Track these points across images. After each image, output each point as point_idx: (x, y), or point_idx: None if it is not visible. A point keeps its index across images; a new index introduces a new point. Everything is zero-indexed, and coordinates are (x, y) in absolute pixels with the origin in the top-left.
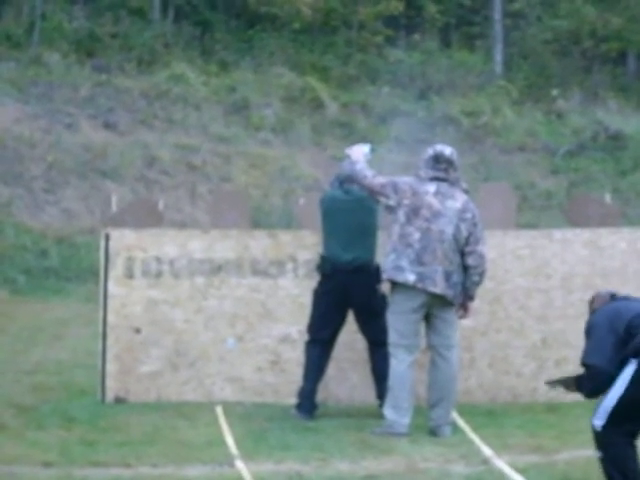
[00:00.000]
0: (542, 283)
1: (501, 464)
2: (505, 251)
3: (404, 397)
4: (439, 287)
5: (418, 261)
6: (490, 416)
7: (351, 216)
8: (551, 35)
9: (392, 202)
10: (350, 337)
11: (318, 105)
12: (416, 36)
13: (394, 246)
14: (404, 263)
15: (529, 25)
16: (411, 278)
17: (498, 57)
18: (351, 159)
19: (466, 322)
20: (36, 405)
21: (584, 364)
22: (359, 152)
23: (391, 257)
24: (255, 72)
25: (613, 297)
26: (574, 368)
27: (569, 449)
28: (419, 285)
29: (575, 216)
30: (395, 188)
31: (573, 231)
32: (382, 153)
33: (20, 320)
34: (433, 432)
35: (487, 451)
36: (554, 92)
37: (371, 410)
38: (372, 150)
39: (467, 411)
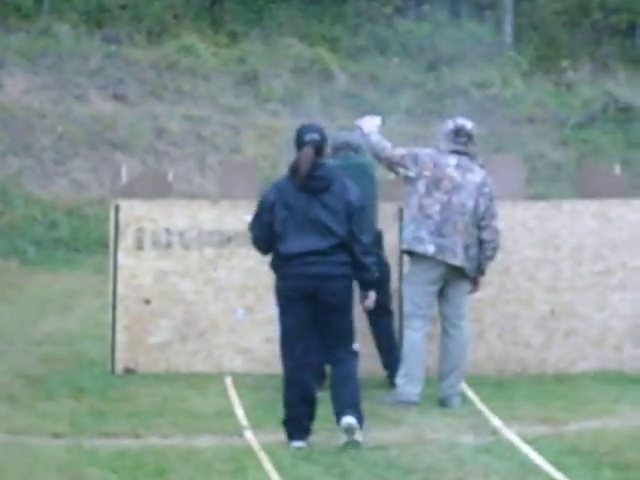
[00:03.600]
0: (551, 254)
1: (510, 435)
2: (514, 222)
3: (418, 366)
4: (459, 259)
5: (438, 232)
6: (499, 387)
7: None
8: (561, 6)
9: (412, 173)
10: (357, 308)
11: (327, 76)
12: (425, 7)
13: (413, 217)
14: (424, 234)
15: None
16: (431, 249)
17: (508, 28)
18: (363, 131)
19: (475, 293)
20: (46, 376)
21: None
22: (371, 123)
23: (410, 228)
24: (264, 43)
25: None
26: (583, 340)
27: (578, 420)
28: (439, 256)
29: (584, 187)
30: (415, 159)
31: (582, 202)
32: (392, 124)
33: (30, 291)
34: (443, 402)
35: (496, 422)
36: (564, 63)
37: (379, 381)
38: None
39: (476, 382)
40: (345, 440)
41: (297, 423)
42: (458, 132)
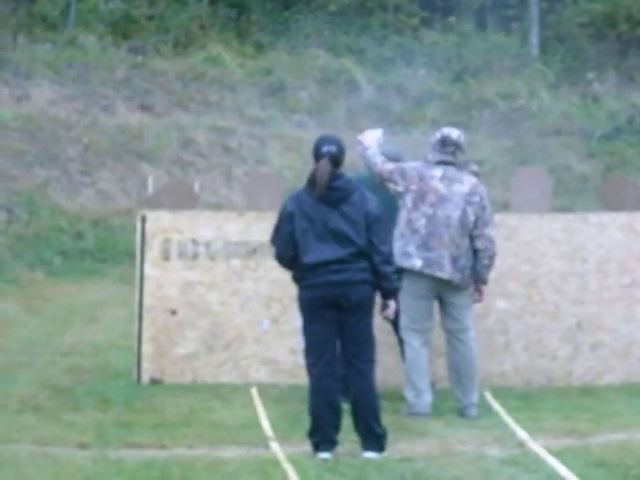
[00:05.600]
0: (578, 267)
1: (536, 447)
2: (541, 234)
3: (419, 379)
4: (446, 272)
5: (425, 246)
6: (525, 399)
7: None
8: (587, 18)
9: (400, 188)
10: (383, 320)
11: (353, 87)
12: (452, 18)
13: (402, 232)
14: (411, 249)
15: (565, 8)
16: (418, 264)
17: (534, 40)
18: (363, 145)
19: (501, 305)
20: (72, 386)
21: None
22: (372, 137)
23: (399, 244)
24: (291, 54)
25: None
26: (609, 352)
27: (604, 432)
28: (426, 270)
29: (611, 200)
30: (403, 174)
31: (609, 215)
32: (417, 136)
33: (56, 302)
34: (461, 413)
35: (522, 434)
36: (590, 75)
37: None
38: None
39: (502, 394)
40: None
41: (323, 434)
42: (444, 142)
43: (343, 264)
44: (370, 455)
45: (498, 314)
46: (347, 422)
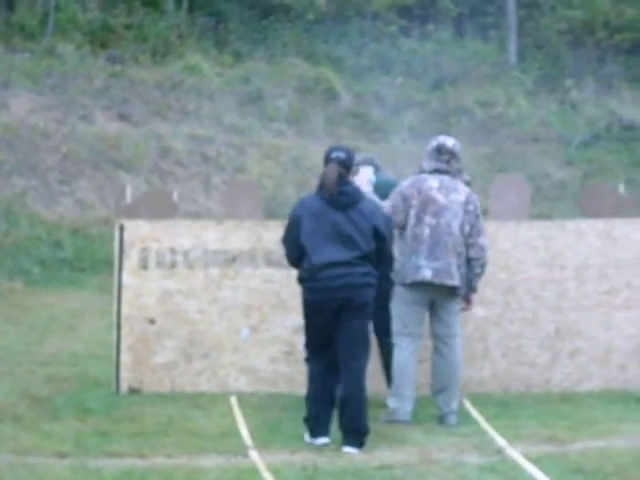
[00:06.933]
0: (556, 274)
1: (515, 454)
2: (519, 242)
3: (406, 385)
4: (455, 279)
5: (432, 256)
6: (503, 406)
7: None
8: (565, 25)
9: (403, 215)
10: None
11: (332, 95)
12: (430, 26)
13: (410, 247)
14: (421, 261)
15: (543, 15)
16: (428, 274)
17: (512, 47)
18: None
19: (480, 312)
20: (51, 396)
21: None
22: (364, 180)
23: (412, 260)
24: (269, 63)
25: None
26: (587, 359)
27: (583, 439)
28: (436, 280)
29: (589, 207)
30: (404, 199)
31: (587, 222)
32: (396, 144)
33: (34, 311)
34: (440, 420)
35: (501, 441)
36: (568, 82)
37: (384, 400)
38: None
39: (480, 401)
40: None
41: (319, 420)
42: (440, 150)
43: (348, 267)
44: (350, 450)
45: (476, 321)
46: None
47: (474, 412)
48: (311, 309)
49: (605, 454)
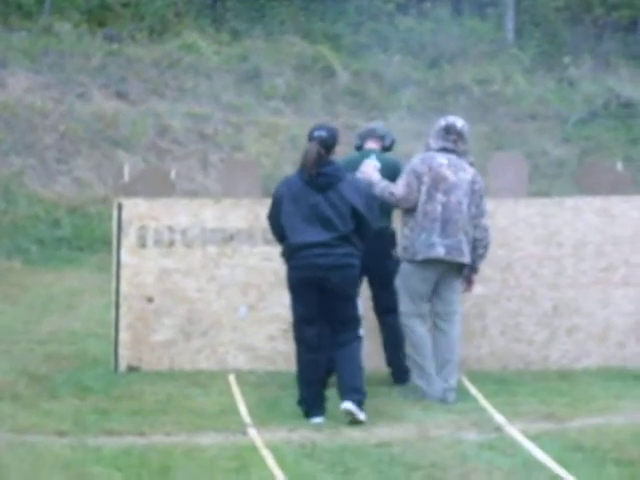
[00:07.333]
0: (553, 251)
1: (513, 431)
2: (517, 219)
3: (428, 363)
4: (466, 256)
5: (444, 233)
6: (502, 384)
7: None
8: (562, 3)
9: (416, 194)
10: (366, 302)
11: (329, 73)
12: (427, 4)
13: (421, 224)
14: (435, 238)
15: None
16: (441, 252)
17: (509, 25)
18: (372, 181)
19: (478, 290)
20: (49, 374)
21: None
22: (370, 170)
23: (423, 236)
24: (266, 41)
25: None
26: (585, 336)
27: (581, 416)
28: (448, 257)
29: (586, 184)
30: (417, 177)
31: (584, 199)
32: (394, 122)
33: (33, 290)
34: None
35: (499, 418)
36: (566, 60)
37: (383, 378)
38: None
39: (479, 379)
40: (349, 420)
41: (313, 400)
42: (448, 130)
43: (327, 248)
44: (348, 406)
45: (474, 299)
46: (325, 407)
47: (472, 389)
48: (294, 287)
49: (603, 431)
